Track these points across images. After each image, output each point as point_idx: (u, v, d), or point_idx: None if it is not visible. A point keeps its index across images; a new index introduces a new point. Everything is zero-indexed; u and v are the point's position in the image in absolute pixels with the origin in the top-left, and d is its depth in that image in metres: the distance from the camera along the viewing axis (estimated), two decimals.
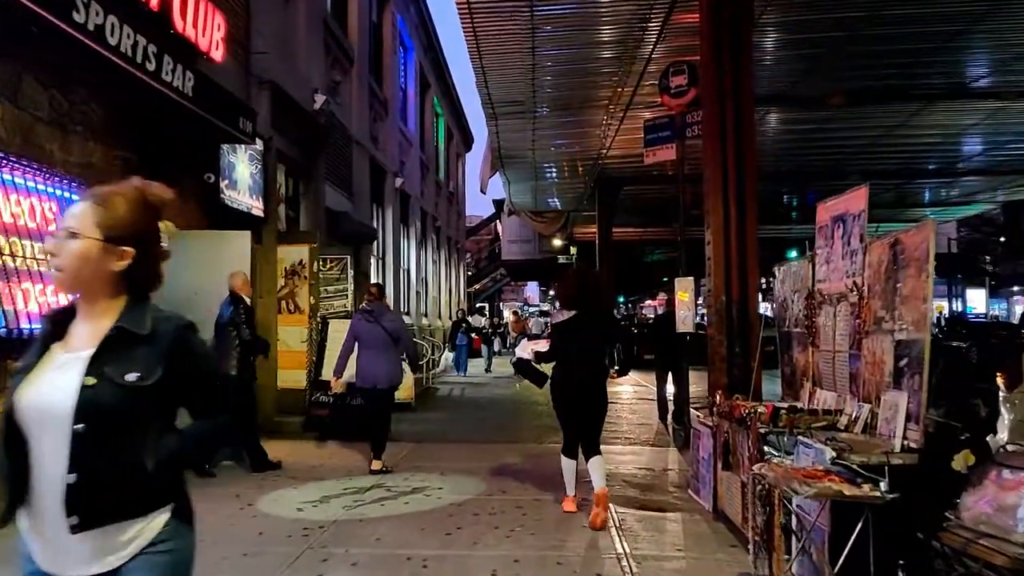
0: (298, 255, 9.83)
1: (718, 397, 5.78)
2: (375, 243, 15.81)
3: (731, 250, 8.00)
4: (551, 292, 58.00)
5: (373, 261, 15.69)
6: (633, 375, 19.94)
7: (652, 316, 55.35)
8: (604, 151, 17.43)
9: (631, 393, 15.05)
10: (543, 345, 6.36)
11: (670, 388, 11.30)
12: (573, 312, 5.80)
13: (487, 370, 20.10)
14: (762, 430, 4.54)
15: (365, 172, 14.61)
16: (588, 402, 5.62)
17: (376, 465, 7.05)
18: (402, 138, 18.24)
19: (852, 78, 13.65)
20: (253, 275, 8.86)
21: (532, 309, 56.12)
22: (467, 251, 37.12)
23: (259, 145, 8.72)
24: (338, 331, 9.71)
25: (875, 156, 19.32)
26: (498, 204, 33.62)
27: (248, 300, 7.41)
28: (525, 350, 6.49)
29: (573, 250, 29.00)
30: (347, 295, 11.17)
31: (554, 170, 20.19)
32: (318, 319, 9.88)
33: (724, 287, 8.02)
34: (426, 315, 21.21)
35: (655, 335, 11.55)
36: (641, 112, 14.92)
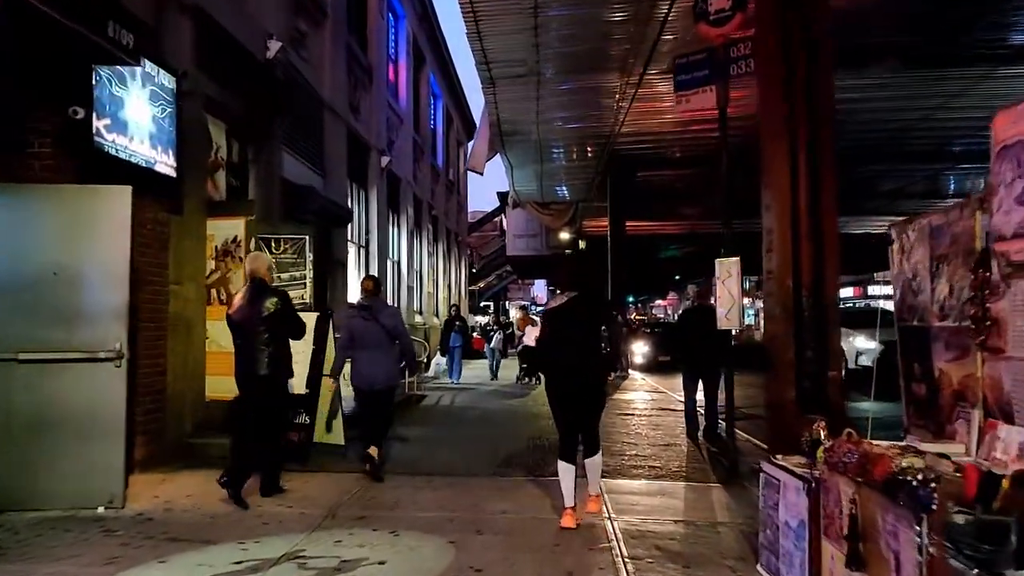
0: (232, 230, 7.62)
1: (820, 431, 3.50)
2: (353, 227, 13.59)
3: (800, 217, 5.70)
4: (557, 291, 55.69)
5: (352, 249, 13.48)
6: (648, 379, 17.69)
7: (662, 316, 53.04)
8: (617, 126, 15.14)
9: (648, 401, 12.77)
10: None
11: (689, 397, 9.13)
12: (567, 296, 5.31)
13: (493, 376, 17.21)
14: (959, 520, 2.27)
15: (342, 145, 12.40)
16: (582, 391, 5.17)
17: (373, 451, 6.45)
18: (391, 114, 16.03)
19: (911, 31, 11.36)
20: (154, 253, 6.66)
21: (539, 309, 53.93)
22: (470, 247, 34.91)
23: (169, 82, 6.50)
24: None
25: (915, 136, 16.92)
26: (502, 197, 31.39)
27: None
28: (530, 337, 6.27)
29: (582, 244, 26.75)
30: (305, 284, 8.95)
31: (561, 151, 17.89)
32: None
33: (791, 268, 5.73)
34: (420, 312, 18.99)
35: (684, 333, 9.25)
36: (657, 82, 12.73)
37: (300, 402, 7.05)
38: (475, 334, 23.80)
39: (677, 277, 39.58)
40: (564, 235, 27.27)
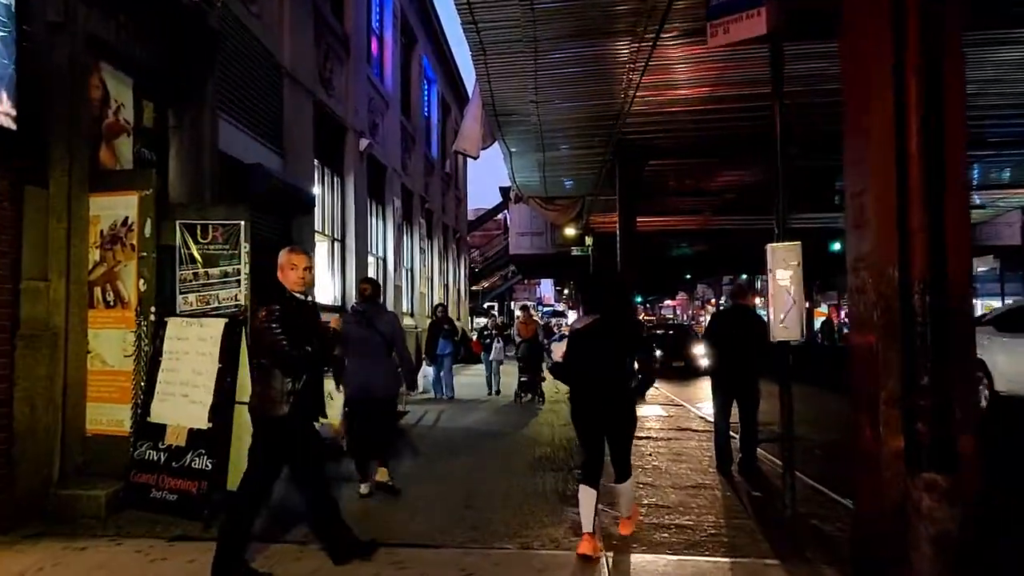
0: (123, 210, 5.69)
1: None
2: (324, 217, 11.68)
3: (910, 172, 3.73)
4: (566, 291, 53.61)
5: (323, 242, 11.59)
6: (662, 389, 15.71)
7: (671, 317, 50.90)
8: (626, 104, 13.12)
9: (664, 419, 10.77)
10: None
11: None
12: (593, 317, 4.79)
13: (493, 391, 13.84)
14: None
15: (307, 121, 10.48)
16: (610, 418, 4.65)
17: (382, 475, 5.99)
18: (374, 93, 14.10)
19: None
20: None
21: (546, 309, 52.00)
22: (474, 247, 32.99)
23: None
24: (183, 337, 5.56)
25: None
26: (505, 192, 29.47)
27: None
28: (558, 353, 5.30)
29: (589, 240, 24.77)
30: (239, 283, 7.02)
31: (564, 136, 15.84)
32: (151, 317, 5.68)
33: (897, 251, 3.76)
34: (411, 315, 17.07)
35: (717, 339, 7.23)
36: (672, 47, 10.78)
37: (199, 441, 5.11)
38: (475, 336, 21.81)
39: (688, 276, 37.55)
40: (570, 231, 25.27)
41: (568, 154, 17.46)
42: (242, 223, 7.09)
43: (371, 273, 14.46)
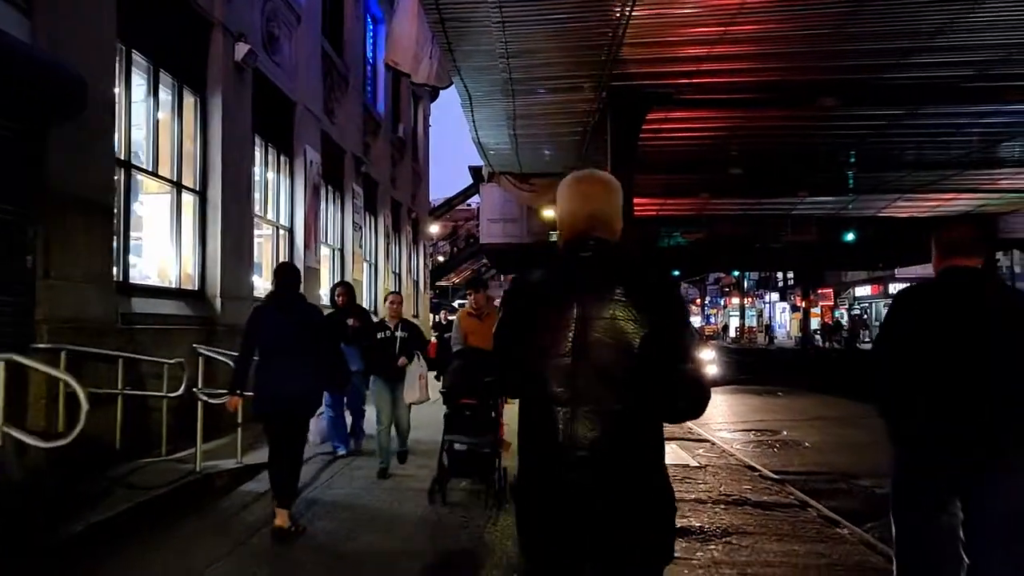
0: None
1: None
2: (161, 149, 7.19)
3: None
4: None
5: (162, 194, 7.15)
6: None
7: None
8: (621, 24, 8.82)
9: (694, 472, 6.39)
10: None
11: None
12: None
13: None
14: None
15: None
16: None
17: (282, 519, 4.50)
18: None
19: None
20: None
21: None
22: (447, 236, 28.52)
23: None
24: None
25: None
26: (476, 172, 25.06)
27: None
28: None
29: None
30: None
31: (541, 67, 11.42)
32: None
33: None
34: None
35: (924, 350, 2.73)
36: None
37: None
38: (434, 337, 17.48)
39: (676, 272, 33.25)
40: (548, 211, 20.98)
41: (547, 102, 13.00)
42: None
43: (269, 246, 10.04)
